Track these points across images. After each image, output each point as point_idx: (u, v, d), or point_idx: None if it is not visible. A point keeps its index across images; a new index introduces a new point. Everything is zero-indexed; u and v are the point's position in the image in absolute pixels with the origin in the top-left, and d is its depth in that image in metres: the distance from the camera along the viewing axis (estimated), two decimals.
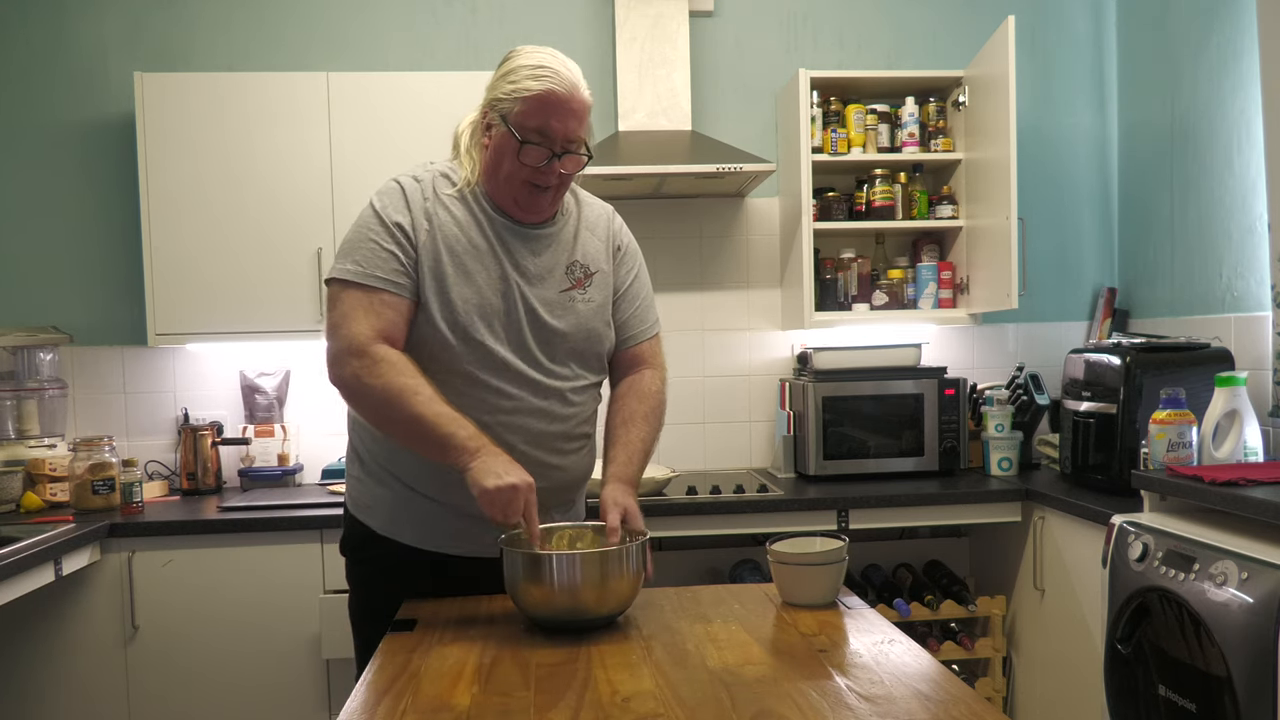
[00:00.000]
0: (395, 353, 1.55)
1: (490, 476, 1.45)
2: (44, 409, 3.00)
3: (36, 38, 3.11)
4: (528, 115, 1.56)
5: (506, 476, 1.45)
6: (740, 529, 2.74)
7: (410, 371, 1.53)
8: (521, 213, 1.64)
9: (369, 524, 1.71)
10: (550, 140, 1.57)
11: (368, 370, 1.52)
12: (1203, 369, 2.50)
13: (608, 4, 3.24)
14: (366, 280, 1.56)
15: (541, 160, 1.58)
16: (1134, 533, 2.13)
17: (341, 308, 1.56)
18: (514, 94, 1.56)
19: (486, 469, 1.46)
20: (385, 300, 1.56)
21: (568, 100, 1.56)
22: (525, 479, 1.47)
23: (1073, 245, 3.44)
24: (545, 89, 1.55)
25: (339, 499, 2.80)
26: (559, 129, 1.57)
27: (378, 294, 1.56)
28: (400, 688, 1.26)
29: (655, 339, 1.81)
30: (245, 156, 2.87)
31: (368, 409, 1.57)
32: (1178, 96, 3.04)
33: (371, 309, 1.55)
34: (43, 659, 2.59)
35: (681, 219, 3.32)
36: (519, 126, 1.57)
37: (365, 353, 1.53)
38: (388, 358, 1.53)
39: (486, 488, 1.45)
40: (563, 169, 1.60)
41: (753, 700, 1.18)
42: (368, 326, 1.54)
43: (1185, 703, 1.94)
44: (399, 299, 1.57)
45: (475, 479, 1.46)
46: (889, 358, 3.07)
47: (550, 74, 1.55)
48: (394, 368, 1.52)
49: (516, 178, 1.60)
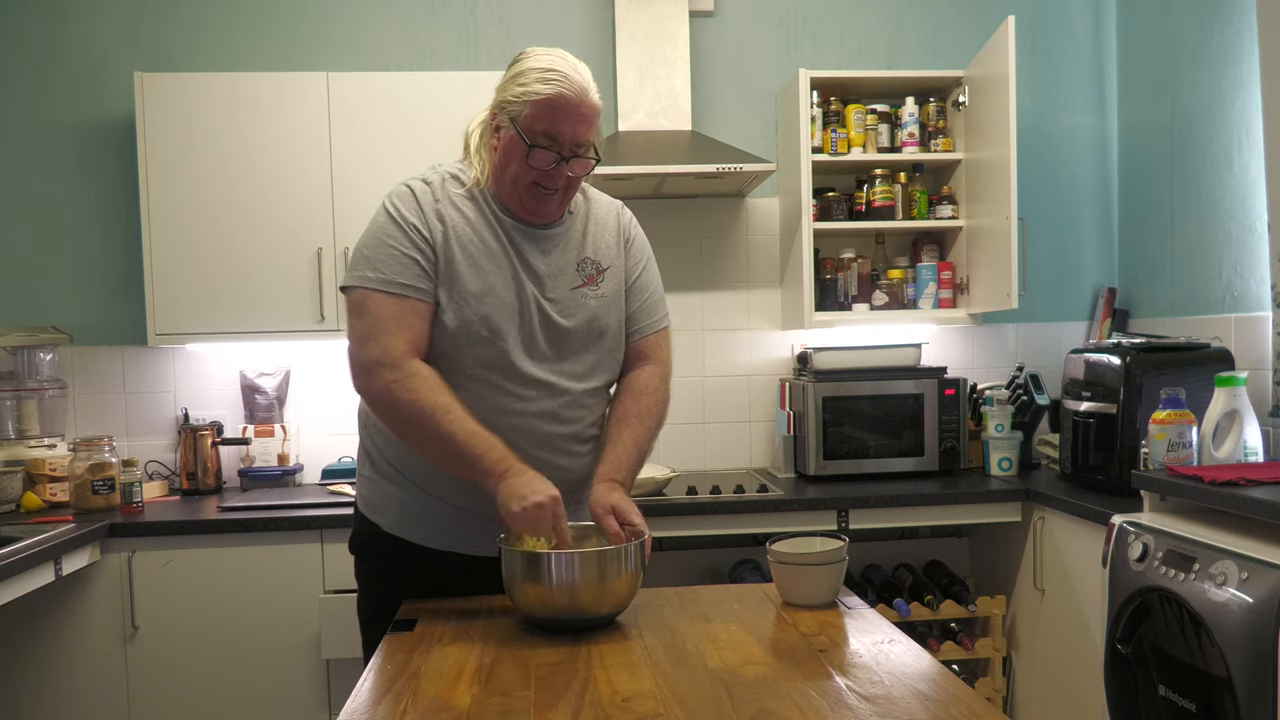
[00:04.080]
0: (427, 368, 1.56)
1: (515, 500, 1.47)
2: (44, 409, 3.00)
3: (36, 38, 3.11)
4: (536, 119, 1.55)
5: (533, 496, 1.47)
6: (740, 529, 2.74)
7: (442, 389, 1.54)
8: (528, 215, 1.64)
9: (378, 523, 1.72)
10: (559, 144, 1.57)
11: (400, 384, 1.53)
12: (1203, 369, 2.50)
13: (608, 4, 3.24)
14: (391, 288, 1.56)
15: (549, 164, 1.57)
16: (1134, 533, 2.13)
17: (369, 317, 1.56)
18: (523, 97, 1.56)
19: (512, 491, 1.48)
20: (412, 308, 1.57)
21: (577, 104, 1.55)
22: (551, 493, 1.49)
23: (1073, 245, 3.44)
24: (555, 93, 1.54)
25: (339, 499, 2.80)
26: (568, 133, 1.56)
27: (405, 301, 1.56)
28: (400, 688, 1.26)
29: (662, 333, 1.79)
30: (245, 156, 2.88)
31: (397, 422, 1.58)
32: (1178, 96, 3.04)
33: (401, 319, 1.56)
34: (43, 659, 2.60)
35: (681, 219, 3.32)
36: (527, 130, 1.56)
37: (399, 366, 1.54)
38: (420, 373, 1.54)
39: (514, 512, 1.47)
40: (570, 172, 1.59)
41: (753, 700, 1.18)
42: (401, 339, 1.55)
43: (1185, 703, 1.94)
44: (423, 304, 1.58)
45: (503, 502, 1.49)
46: (889, 358, 3.07)
47: (560, 78, 1.55)
48: (426, 384, 1.53)
49: (523, 180, 1.59)
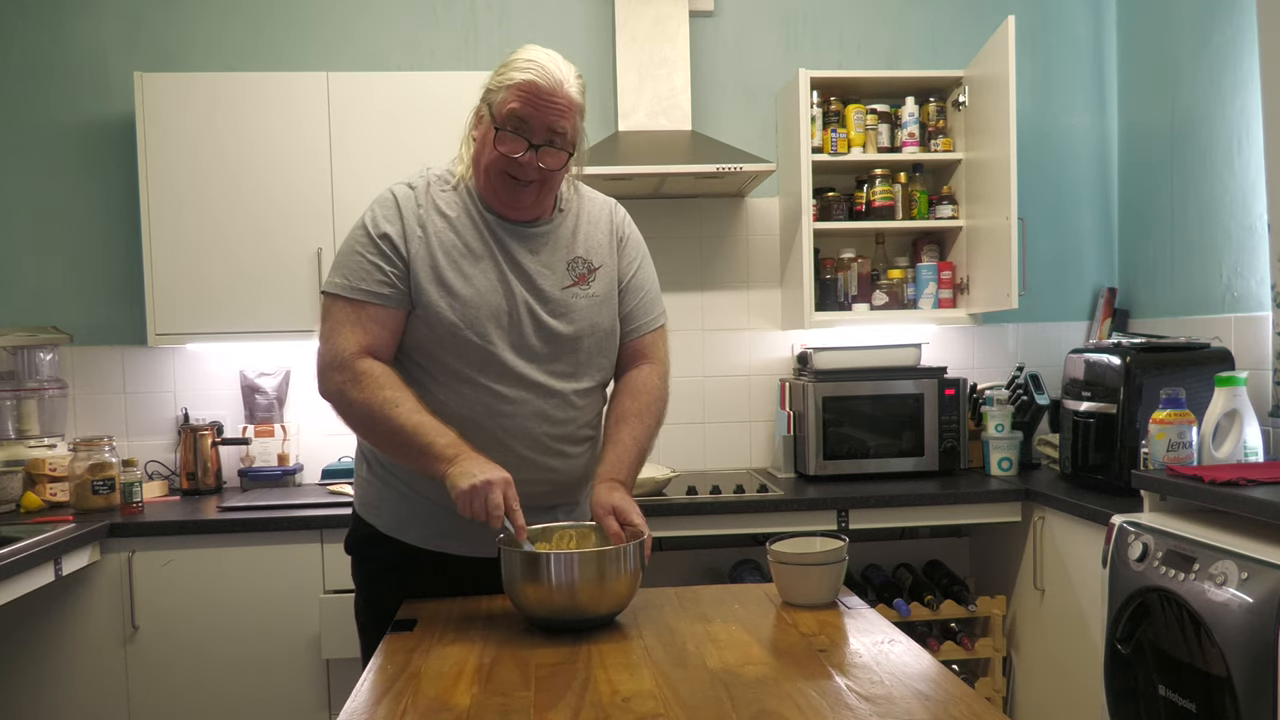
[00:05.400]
0: (379, 366, 1.57)
1: (464, 478, 1.46)
2: (44, 409, 3.00)
3: (36, 38, 3.11)
4: (508, 102, 1.57)
5: (480, 475, 1.46)
6: (740, 529, 2.74)
7: (392, 384, 1.56)
8: (503, 207, 1.64)
9: (374, 524, 1.72)
10: (529, 130, 1.57)
11: (351, 384, 1.55)
12: (1203, 369, 2.50)
13: (608, 4, 3.24)
14: (352, 294, 1.59)
15: (518, 151, 1.57)
16: (1134, 533, 2.13)
17: (329, 322, 1.60)
18: (501, 83, 1.58)
19: (461, 472, 1.48)
20: (370, 314, 1.58)
21: (549, 92, 1.56)
22: (500, 474, 1.48)
23: (1073, 245, 3.44)
24: (526, 79, 1.56)
25: (339, 499, 2.80)
26: (538, 119, 1.56)
27: (363, 307, 1.58)
28: (400, 688, 1.26)
29: (658, 332, 1.79)
30: (245, 156, 2.87)
31: (353, 421, 1.60)
32: (1178, 96, 3.04)
33: (358, 323, 1.58)
34: (43, 659, 2.59)
35: (681, 219, 3.32)
36: (499, 114, 1.58)
37: (348, 366, 1.56)
38: (370, 371, 1.56)
39: (462, 489, 1.46)
40: (541, 163, 1.59)
41: (753, 700, 1.18)
42: (353, 341, 1.57)
43: (1185, 703, 1.94)
44: (385, 310, 1.59)
45: (452, 483, 1.48)
46: (889, 358, 3.07)
47: (535, 66, 1.56)
48: (376, 381, 1.55)
49: (495, 167, 1.60)
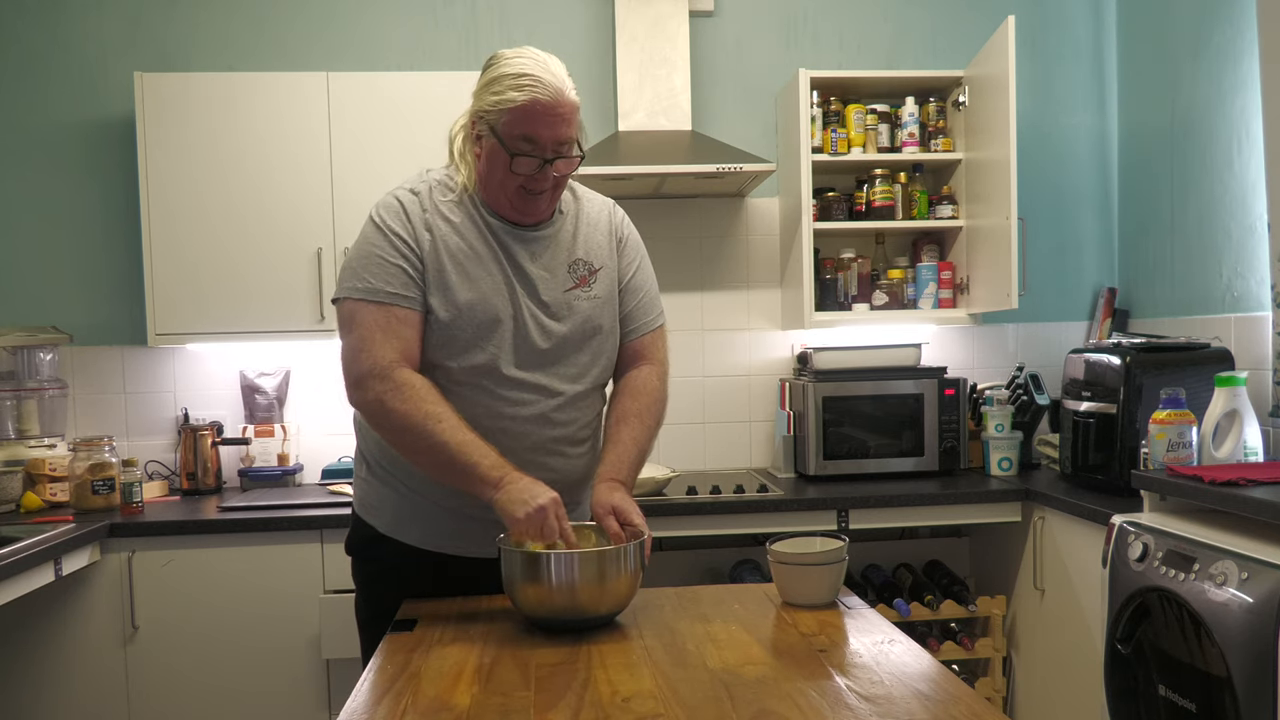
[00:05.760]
0: (419, 378, 1.56)
1: (518, 506, 1.46)
2: (44, 409, 3.00)
3: (35, 38, 3.11)
4: (514, 125, 1.54)
5: (534, 501, 1.46)
6: (740, 529, 2.74)
7: (434, 398, 1.54)
8: (518, 216, 1.64)
9: (374, 524, 1.72)
10: (540, 148, 1.56)
11: (392, 395, 1.53)
12: (1203, 369, 2.50)
13: (608, 4, 3.24)
14: (379, 298, 1.56)
15: (533, 168, 1.57)
16: (1134, 533, 2.13)
17: (359, 330, 1.56)
18: (499, 105, 1.55)
19: (512, 498, 1.47)
20: (399, 316, 1.57)
21: (554, 107, 1.54)
22: (551, 496, 1.48)
23: (1073, 245, 3.43)
24: (529, 99, 1.53)
25: (339, 499, 2.80)
26: (547, 136, 1.55)
27: (392, 310, 1.56)
28: (400, 688, 1.26)
29: (657, 332, 1.79)
30: (245, 156, 2.87)
31: (390, 433, 1.57)
32: (1178, 96, 3.04)
33: (389, 329, 1.56)
34: (43, 659, 2.59)
35: (681, 219, 3.32)
36: (508, 138, 1.56)
37: (389, 376, 1.53)
38: (411, 382, 1.54)
39: (518, 518, 1.46)
40: (555, 172, 1.59)
41: (753, 700, 1.18)
42: (390, 349, 1.55)
43: (1185, 703, 1.94)
44: (411, 312, 1.58)
45: (505, 510, 1.48)
46: (889, 358, 3.07)
47: (532, 82, 1.53)
48: (418, 393, 1.53)
49: (510, 185, 1.59)
